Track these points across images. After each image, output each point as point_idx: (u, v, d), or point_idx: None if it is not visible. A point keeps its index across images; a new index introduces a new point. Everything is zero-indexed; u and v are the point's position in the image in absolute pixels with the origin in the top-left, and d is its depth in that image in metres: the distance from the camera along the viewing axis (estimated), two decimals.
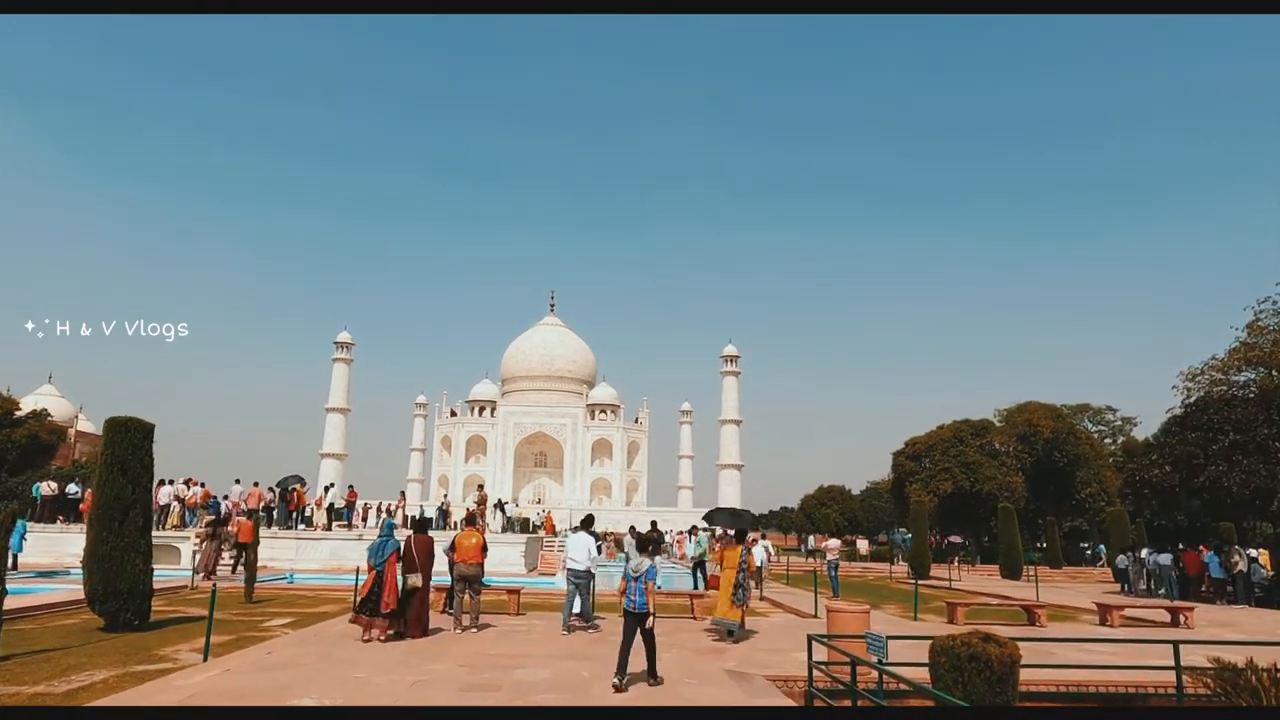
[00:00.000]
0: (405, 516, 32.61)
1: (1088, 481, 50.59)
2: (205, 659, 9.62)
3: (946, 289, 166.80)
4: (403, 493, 35.24)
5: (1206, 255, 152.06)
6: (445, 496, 52.16)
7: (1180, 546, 26.00)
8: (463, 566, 12.20)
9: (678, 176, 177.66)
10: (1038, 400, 55.47)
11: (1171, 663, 9.98)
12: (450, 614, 13.00)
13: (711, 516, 18.49)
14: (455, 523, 31.38)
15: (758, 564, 27.33)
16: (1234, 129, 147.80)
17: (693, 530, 22.46)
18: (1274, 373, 26.35)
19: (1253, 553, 23.32)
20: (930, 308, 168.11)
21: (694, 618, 15.01)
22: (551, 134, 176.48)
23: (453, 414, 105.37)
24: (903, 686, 7.39)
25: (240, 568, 22.52)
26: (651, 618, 8.76)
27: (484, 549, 12.62)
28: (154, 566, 13.06)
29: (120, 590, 12.20)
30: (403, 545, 11.53)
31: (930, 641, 9.58)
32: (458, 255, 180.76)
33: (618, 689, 8.31)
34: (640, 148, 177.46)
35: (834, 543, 25.38)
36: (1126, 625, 15.22)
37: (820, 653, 9.31)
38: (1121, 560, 25.58)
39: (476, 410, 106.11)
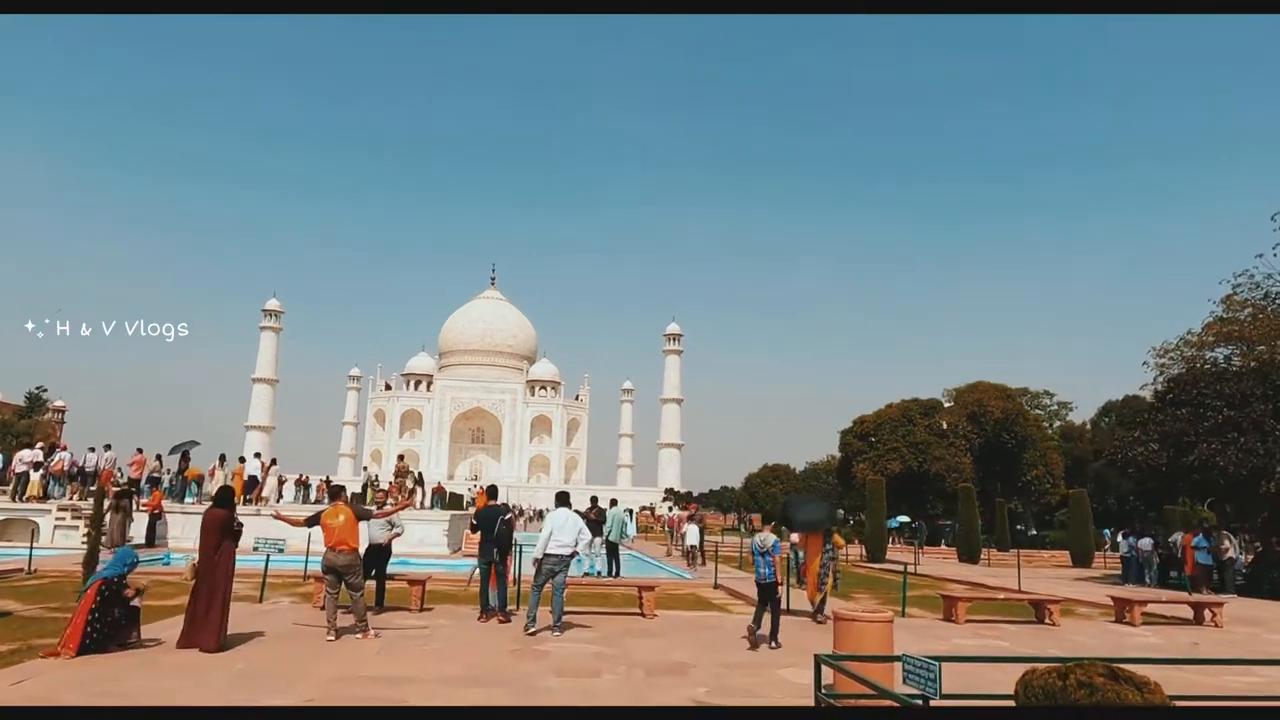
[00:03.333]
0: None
1: (1034, 463, 49.88)
2: None
3: (892, 266, 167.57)
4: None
5: (1145, 243, 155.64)
6: (366, 470, 48.40)
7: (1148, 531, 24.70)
8: (330, 554, 9.06)
9: (622, 153, 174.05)
10: (987, 381, 54.54)
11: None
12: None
13: (798, 516, 13.21)
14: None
15: (693, 543, 24.65)
16: (1180, 111, 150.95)
17: (612, 503, 19.68)
18: (1249, 347, 25.00)
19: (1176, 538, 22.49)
20: (875, 286, 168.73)
21: (643, 615, 12.17)
22: (494, 108, 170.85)
23: (387, 387, 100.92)
24: None
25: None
26: (780, 586, 9.88)
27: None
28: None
29: None
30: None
31: (959, 660, 7.03)
32: (395, 226, 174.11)
33: (751, 643, 9.48)
34: (584, 123, 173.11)
35: None
36: (1148, 623, 13.03)
37: (823, 675, 6.65)
38: (1123, 546, 23.92)
39: (412, 384, 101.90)
